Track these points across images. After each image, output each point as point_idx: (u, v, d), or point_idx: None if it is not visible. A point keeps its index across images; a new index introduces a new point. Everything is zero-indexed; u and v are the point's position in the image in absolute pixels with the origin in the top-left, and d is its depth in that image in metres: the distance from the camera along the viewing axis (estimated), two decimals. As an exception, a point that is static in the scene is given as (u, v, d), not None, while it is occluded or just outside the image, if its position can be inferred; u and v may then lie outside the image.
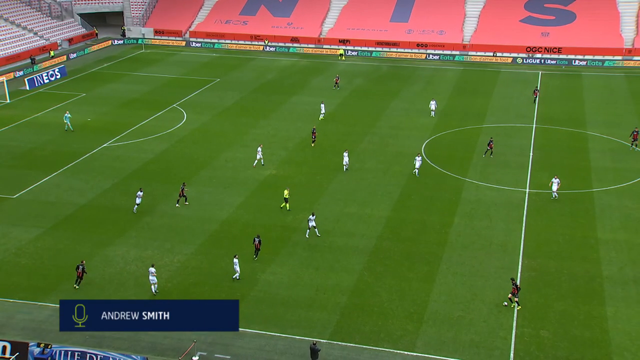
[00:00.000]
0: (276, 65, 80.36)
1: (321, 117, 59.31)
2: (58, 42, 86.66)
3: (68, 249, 37.63)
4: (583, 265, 36.27)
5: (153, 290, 33.33)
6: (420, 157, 47.46)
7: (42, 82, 70.63)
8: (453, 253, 37.35)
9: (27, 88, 68.72)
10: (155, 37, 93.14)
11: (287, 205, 41.94)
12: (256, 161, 48.73)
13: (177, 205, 42.47)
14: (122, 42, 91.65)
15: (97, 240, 38.46)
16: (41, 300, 32.91)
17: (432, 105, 60.57)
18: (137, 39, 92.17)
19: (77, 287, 33.84)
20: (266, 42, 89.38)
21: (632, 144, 52.05)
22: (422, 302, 32.92)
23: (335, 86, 69.43)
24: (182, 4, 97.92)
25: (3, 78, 67.34)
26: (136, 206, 41.71)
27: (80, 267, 33.84)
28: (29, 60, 78.61)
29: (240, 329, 30.60)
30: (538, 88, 64.80)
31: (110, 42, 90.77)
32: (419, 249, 37.76)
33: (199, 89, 69.31)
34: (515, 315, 32.03)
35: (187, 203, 42.83)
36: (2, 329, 30.83)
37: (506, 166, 49.07)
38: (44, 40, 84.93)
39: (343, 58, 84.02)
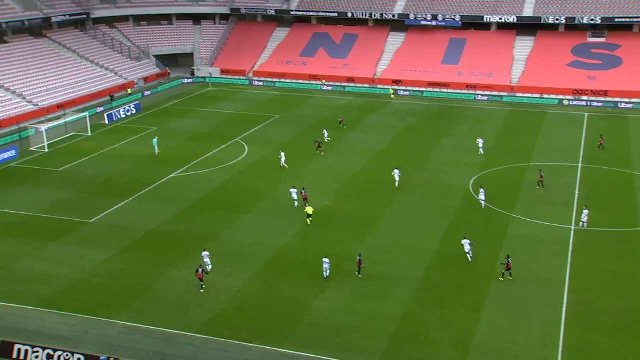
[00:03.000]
0: (333, 104, 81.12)
1: (327, 139, 63.27)
2: (135, 80, 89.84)
3: (137, 270, 38.49)
4: (628, 302, 34.88)
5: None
6: (483, 190, 47.35)
7: (119, 117, 73.14)
8: (499, 286, 36.52)
9: (106, 122, 71.23)
10: (221, 77, 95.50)
11: (309, 220, 43.96)
12: (283, 165, 55.14)
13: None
14: (191, 80, 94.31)
15: (163, 263, 39.23)
16: (112, 317, 33.66)
17: (480, 142, 60.11)
18: (204, 78, 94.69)
19: (202, 290, 35.66)
20: (323, 81, 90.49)
21: None
22: (468, 333, 32.21)
23: (341, 125, 69.00)
24: (247, 47, 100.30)
25: (86, 113, 69.96)
26: (296, 202, 46.72)
27: (201, 270, 35.85)
28: (109, 97, 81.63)
29: (293, 351, 30.64)
30: (602, 136, 62.66)
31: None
32: (466, 281, 37.08)
33: (260, 125, 70.51)
34: (560, 349, 30.97)
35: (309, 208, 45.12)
36: (77, 343, 31.60)
37: (552, 203, 47.94)
38: (123, 80, 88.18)
39: (393, 96, 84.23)
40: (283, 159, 56.06)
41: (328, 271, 37.17)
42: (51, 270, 38.47)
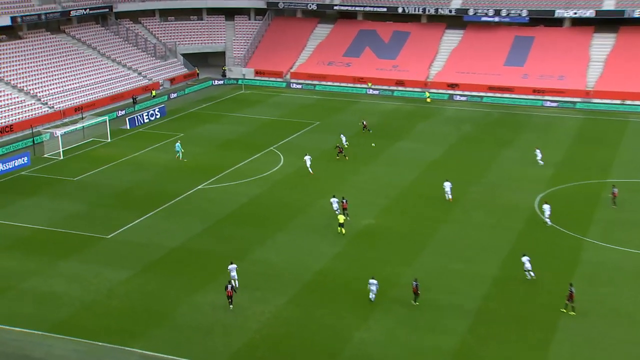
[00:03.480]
0: (379, 109, 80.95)
1: (346, 144, 64.61)
2: (160, 81, 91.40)
3: (157, 292, 38.80)
4: None
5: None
6: (548, 206, 46.78)
7: (142, 121, 74.41)
8: (570, 320, 35.57)
9: (128, 127, 72.52)
10: (256, 78, 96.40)
11: (343, 229, 45.48)
12: (310, 170, 57.45)
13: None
14: (222, 82, 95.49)
15: (186, 284, 39.48)
16: (129, 344, 33.91)
17: (538, 153, 59.66)
18: (237, 80, 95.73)
19: (231, 307, 36.68)
20: (369, 84, 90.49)
21: None
22: (532, 374, 31.43)
23: (364, 130, 70.62)
24: (284, 45, 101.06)
25: (106, 117, 71.34)
26: (338, 212, 47.83)
27: (229, 286, 36.67)
28: (131, 100, 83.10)
29: (330, 389, 30.36)
30: None
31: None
32: (530, 313, 36.25)
33: (298, 132, 70.77)
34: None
35: (348, 218, 46.94)
36: (88, 372, 31.98)
37: (635, 226, 46.64)
38: (147, 80, 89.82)
39: (429, 100, 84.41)
40: (308, 163, 57.79)
41: (374, 294, 37.03)
42: (63, 290, 39.09)
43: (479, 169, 58.66)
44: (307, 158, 58.27)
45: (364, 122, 71.61)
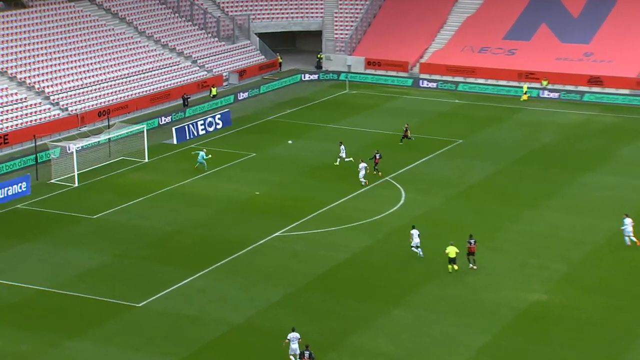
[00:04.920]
0: (558, 122, 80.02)
1: (341, 160, 68.27)
2: (224, 74, 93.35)
3: (209, 392, 39.31)
4: None
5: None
6: None
7: (195, 133, 76.03)
8: None
9: (175, 142, 74.31)
10: (367, 72, 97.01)
11: (454, 266, 48.94)
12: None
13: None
14: (316, 76, 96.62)
15: (253, 382, 39.83)
16: None
17: None
18: (339, 73, 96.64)
19: None
20: (544, 82, 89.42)
21: None
22: None
23: (402, 140, 72.93)
24: (411, 23, 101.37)
25: (143, 125, 72.90)
26: (418, 249, 51.23)
27: (306, 353, 38.09)
28: (181, 101, 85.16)
29: None
30: None
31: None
32: None
33: (429, 155, 70.60)
34: None
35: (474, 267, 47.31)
36: None
37: None
38: (205, 72, 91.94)
39: (526, 98, 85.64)
40: (362, 173, 63.02)
41: None
42: (71, 381, 40.14)
43: None
44: (362, 166, 63.20)
45: (407, 127, 72.94)
